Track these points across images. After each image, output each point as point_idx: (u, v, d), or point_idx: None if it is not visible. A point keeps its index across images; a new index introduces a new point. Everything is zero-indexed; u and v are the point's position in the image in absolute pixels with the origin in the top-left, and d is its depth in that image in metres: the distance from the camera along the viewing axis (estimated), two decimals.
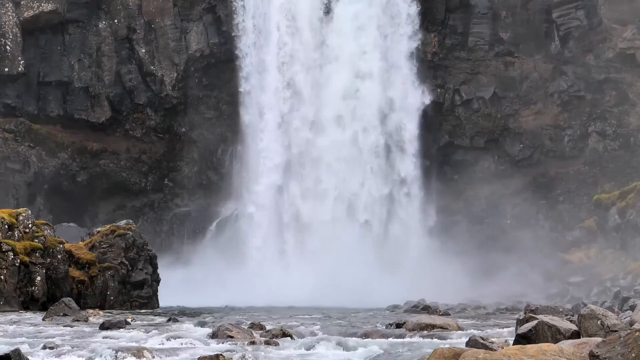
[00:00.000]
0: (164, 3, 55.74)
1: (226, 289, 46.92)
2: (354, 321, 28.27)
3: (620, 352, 12.03)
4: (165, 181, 56.93)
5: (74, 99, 55.35)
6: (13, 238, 35.24)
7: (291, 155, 53.62)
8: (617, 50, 52.99)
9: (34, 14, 53.74)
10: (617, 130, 53.43)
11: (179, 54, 56.05)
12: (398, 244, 51.76)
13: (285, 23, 54.44)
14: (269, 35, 54.63)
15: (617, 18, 52.93)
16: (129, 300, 39.11)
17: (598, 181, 52.86)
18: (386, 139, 53.67)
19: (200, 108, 56.74)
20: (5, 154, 52.88)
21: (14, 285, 34.44)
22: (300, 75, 54.03)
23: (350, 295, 42.85)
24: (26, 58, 53.61)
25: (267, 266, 49.74)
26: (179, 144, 57.12)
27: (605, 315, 15.29)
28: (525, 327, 15.57)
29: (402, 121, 53.73)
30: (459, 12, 55.97)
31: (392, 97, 53.80)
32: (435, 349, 13.21)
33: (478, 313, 35.38)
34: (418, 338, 20.89)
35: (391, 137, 53.78)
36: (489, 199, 54.42)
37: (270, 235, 52.66)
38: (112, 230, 40.31)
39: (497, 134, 55.64)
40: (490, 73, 55.65)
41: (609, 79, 53.54)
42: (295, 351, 18.34)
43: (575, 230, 50.47)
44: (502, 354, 12.25)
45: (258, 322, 24.38)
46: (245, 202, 53.80)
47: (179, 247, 54.35)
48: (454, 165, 55.63)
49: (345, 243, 49.97)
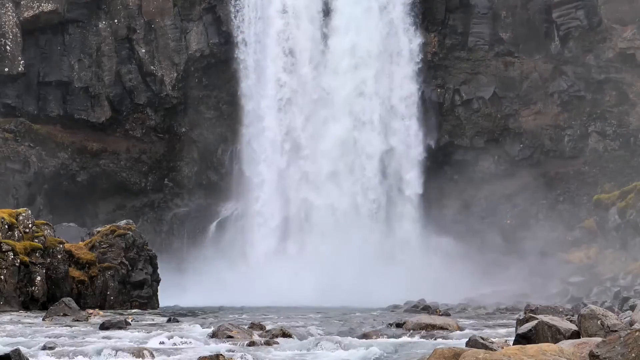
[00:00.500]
0: (164, 3, 55.73)
1: (226, 289, 46.95)
2: (353, 321, 28.26)
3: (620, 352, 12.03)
4: (165, 181, 56.92)
5: (74, 99, 55.35)
6: (13, 238, 35.24)
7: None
8: (617, 50, 52.97)
9: (34, 14, 53.73)
10: (617, 130, 53.41)
11: (179, 54, 56.05)
12: (398, 243, 51.75)
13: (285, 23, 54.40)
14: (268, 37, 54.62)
15: (617, 18, 52.91)
16: (129, 300, 39.11)
17: (598, 181, 52.84)
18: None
19: (200, 108, 56.73)
20: (5, 154, 52.87)
21: (14, 285, 34.44)
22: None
23: (350, 295, 42.85)
24: (26, 58, 53.60)
25: (267, 266, 49.69)
26: (179, 144, 57.11)
27: (605, 315, 15.29)
28: (525, 327, 15.57)
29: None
30: (459, 12, 55.94)
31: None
32: (435, 349, 13.21)
33: (478, 313, 35.37)
34: (418, 338, 20.90)
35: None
36: (489, 199, 54.41)
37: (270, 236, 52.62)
38: (112, 230, 40.31)
39: (497, 134, 55.63)
40: (490, 73, 55.64)
41: (609, 79, 53.53)
42: (295, 351, 18.34)
43: (575, 230, 50.43)
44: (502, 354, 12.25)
45: (258, 322, 24.37)
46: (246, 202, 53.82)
47: (179, 247, 54.35)
48: (454, 165, 55.62)
49: (346, 243, 49.96)
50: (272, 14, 54.53)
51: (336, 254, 48.11)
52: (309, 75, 54.07)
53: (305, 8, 54.40)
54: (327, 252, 48.86)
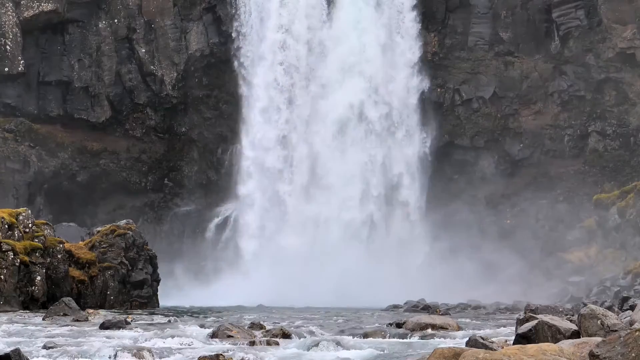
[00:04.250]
0: (164, 3, 55.72)
1: (226, 289, 46.95)
2: (354, 321, 28.26)
3: (620, 352, 12.03)
4: (165, 181, 56.90)
5: (74, 98, 55.34)
6: (13, 238, 35.23)
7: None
8: (617, 50, 52.97)
9: (33, 14, 53.71)
10: (617, 130, 53.42)
11: (179, 54, 56.04)
12: (398, 243, 51.74)
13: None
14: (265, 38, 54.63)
15: (617, 18, 52.91)
16: (129, 300, 39.12)
17: (598, 181, 52.85)
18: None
19: (200, 108, 56.72)
20: (5, 153, 52.87)
21: (14, 285, 34.44)
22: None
23: (350, 295, 42.84)
24: (26, 58, 53.60)
25: (267, 266, 49.65)
26: (179, 144, 57.09)
27: (605, 315, 15.28)
28: (525, 327, 15.56)
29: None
30: (459, 12, 55.96)
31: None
32: (435, 349, 13.20)
33: (478, 313, 35.38)
34: (418, 338, 20.89)
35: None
36: (489, 199, 54.42)
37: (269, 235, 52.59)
38: (112, 230, 40.32)
39: (497, 134, 55.63)
40: (490, 73, 55.65)
41: (609, 78, 53.54)
42: (295, 351, 18.33)
43: (575, 230, 50.42)
44: (502, 354, 12.25)
45: (258, 322, 24.37)
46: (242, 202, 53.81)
47: (179, 247, 54.32)
48: (454, 165, 55.63)
49: (346, 243, 49.97)
50: (272, 14, 54.52)
51: (336, 254, 48.09)
52: (308, 74, 54.06)
53: (305, 8, 54.39)
54: (327, 251, 48.83)
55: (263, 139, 53.82)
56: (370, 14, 54.58)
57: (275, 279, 46.51)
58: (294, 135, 53.84)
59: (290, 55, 54.27)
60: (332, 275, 45.31)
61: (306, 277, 45.66)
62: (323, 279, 45.01)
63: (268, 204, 53.18)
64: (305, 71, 54.23)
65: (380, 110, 53.94)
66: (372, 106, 53.82)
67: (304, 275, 46.09)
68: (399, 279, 45.55)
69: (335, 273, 45.50)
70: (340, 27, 54.11)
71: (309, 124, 53.82)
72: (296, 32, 54.34)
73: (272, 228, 52.53)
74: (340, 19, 54.18)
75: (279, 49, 54.36)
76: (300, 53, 54.23)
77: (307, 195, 52.87)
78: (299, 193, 53.07)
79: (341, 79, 53.66)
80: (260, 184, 53.40)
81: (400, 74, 54.37)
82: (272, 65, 54.26)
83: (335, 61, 53.80)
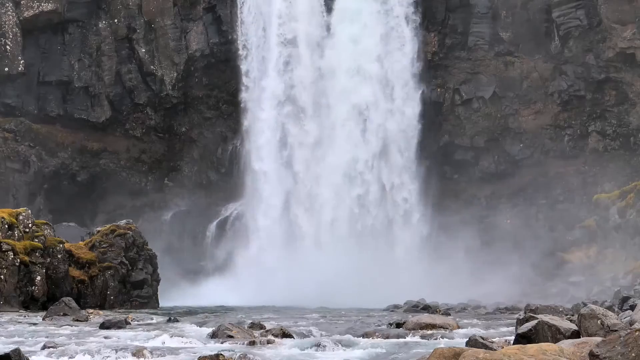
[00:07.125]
0: (164, 3, 55.71)
1: (226, 289, 46.94)
2: (354, 321, 28.26)
3: (620, 352, 12.03)
4: (165, 181, 56.91)
5: (74, 98, 55.34)
6: (13, 238, 35.25)
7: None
8: (617, 50, 52.95)
9: (33, 14, 53.73)
10: (617, 130, 53.40)
11: (179, 54, 56.03)
12: (398, 243, 51.75)
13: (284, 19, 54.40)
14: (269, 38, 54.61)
15: (617, 18, 52.89)
16: (129, 300, 39.14)
17: (598, 181, 52.82)
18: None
19: (200, 108, 56.73)
20: (5, 153, 52.87)
21: (14, 285, 34.45)
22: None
23: (350, 295, 42.82)
24: (26, 58, 53.60)
25: (267, 266, 49.65)
26: (179, 144, 57.11)
27: (605, 315, 15.28)
28: (525, 327, 15.56)
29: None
30: (459, 12, 55.95)
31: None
32: (435, 349, 13.20)
33: (478, 313, 35.37)
34: (418, 338, 20.90)
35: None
36: (489, 199, 54.41)
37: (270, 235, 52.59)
38: (112, 229, 40.34)
39: (497, 134, 55.63)
40: (490, 73, 55.64)
41: (609, 78, 53.52)
42: (295, 351, 18.34)
43: (575, 230, 50.42)
44: (502, 354, 12.25)
45: (258, 322, 24.37)
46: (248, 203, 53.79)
47: (179, 247, 54.31)
48: (454, 165, 55.63)
49: (345, 243, 49.95)
50: (272, 14, 54.50)
51: (336, 254, 48.09)
52: (309, 73, 54.04)
53: (306, 8, 54.38)
54: (327, 252, 48.84)
55: (263, 138, 53.85)
56: (371, 13, 54.49)
57: (276, 278, 46.53)
58: (294, 134, 53.79)
59: (291, 54, 54.22)
60: (332, 275, 45.29)
61: (306, 277, 45.67)
62: (323, 279, 44.99)
63: (269, 203, 53.14)
64: (306, 69, 54.12)
65: (380, 110, 53.91)
66: (372, 106, 53.80)
67: (304, 275, 46.10)
68: (399, 279, 45.52)
69: (335, 273, 45.48)
70: (340, 27, 54.00)
71: (309, 122, 53.78)
72: (296, 31, 54.28)
73: (277, 228, 52.49)
74: (341, 19, 54.10)
75: (279, 47, 54.28)
76: (301, 52, 54.19)
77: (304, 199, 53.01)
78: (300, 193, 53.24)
79: (341, 77, 53.61)
80: (262, 184, 53.44)
81: (400, 74, 54.33)
82: (272, 64, 54.18)
83: (336, 60, 53.72)
